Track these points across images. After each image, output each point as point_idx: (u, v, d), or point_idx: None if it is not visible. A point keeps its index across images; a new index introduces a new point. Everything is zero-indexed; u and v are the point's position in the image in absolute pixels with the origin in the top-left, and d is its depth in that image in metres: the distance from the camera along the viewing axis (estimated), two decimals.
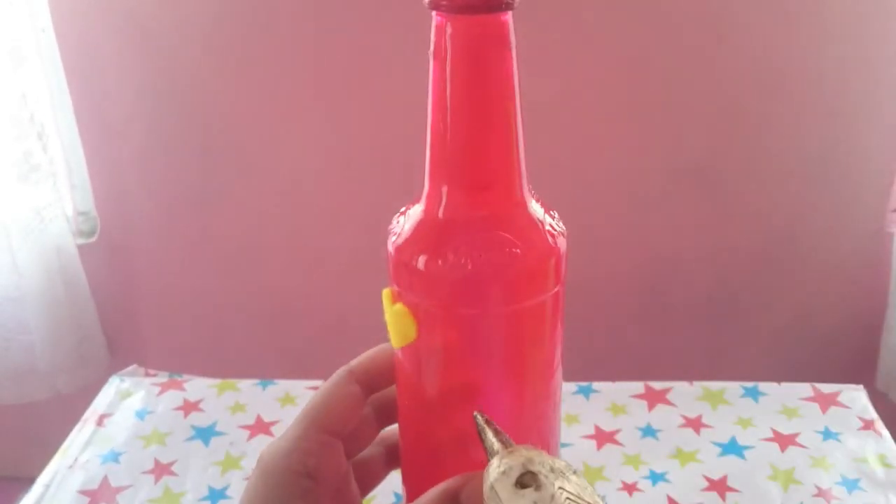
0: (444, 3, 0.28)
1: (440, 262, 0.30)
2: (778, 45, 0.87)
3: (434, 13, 0.29)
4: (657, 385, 0.68)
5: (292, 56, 0.91)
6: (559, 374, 0.34)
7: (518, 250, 0.30)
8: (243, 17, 0.90)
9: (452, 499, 0.28)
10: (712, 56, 0.88)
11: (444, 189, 0.30)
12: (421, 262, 0.30)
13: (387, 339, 0.33)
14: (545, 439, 0.34)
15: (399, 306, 0.31)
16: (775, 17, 0.86)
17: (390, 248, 0.32)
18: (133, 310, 1.09)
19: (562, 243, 0.31)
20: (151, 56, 0.93)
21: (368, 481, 0.37)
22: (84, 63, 0.94)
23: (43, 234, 0.95)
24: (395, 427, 0.37)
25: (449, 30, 0.28)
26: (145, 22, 0.91)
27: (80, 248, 1.02)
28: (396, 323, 0.31)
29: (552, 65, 0.88)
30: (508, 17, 0.29)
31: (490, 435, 0.28)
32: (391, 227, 0.32)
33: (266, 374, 0.73)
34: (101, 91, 0.95)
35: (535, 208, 0.32)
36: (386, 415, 0.36)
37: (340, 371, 0.35)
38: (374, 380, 0.35)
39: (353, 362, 0.35)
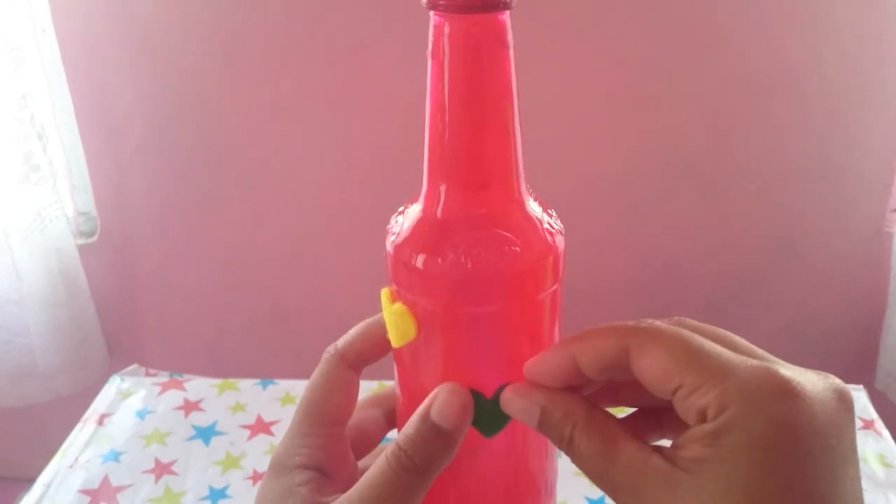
0: (441, 2, 0.28)
1: (440, 260, 0.30)
2: (778, 45, 0.87)
3: (432, 13, 0.29)
4: None
5: (292, 56, 0.91)
6: None
7: (517, 248, 0.30)
8: (243, 18, 0.90)
9: (424, 419, 0.29)
10: (712, 56, 0.88)
11: (443, 188, 0.30)
12: (420, 260, 0.30)
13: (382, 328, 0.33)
14: (543, 439, 0.34)
15: (398, 305, 0.31)
16: (775, 16, 0.86)
17: (389, 247, 0.32)
18: (133, 310, 1.09)
19: (560, 241, 0.32)
20: (152, 56, 0.93)
21: None
22: (84, 63, 0.94)
23: (43, 236, 0.95)
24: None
25: (447, 29, 0.28)
26: (146, 22, 0.91)
27: (80, 248, 1.02)
28: (396, 322, 0.31)
29: (551, 64, 0.88)
30: (506, 16, 0.29)
31: None
32: (389, 226, 0.32)
33: (266, 374, 0.73)
34: (101, 91, 0.95)
35: (533, 206, 0.32)
36: (395, 417, 0.36)
37: (330, 358, 0.34)
38: (366, 359, 0.34)
39: (342, 345, 0.34)
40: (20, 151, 0.91)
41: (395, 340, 0.32)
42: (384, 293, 0.32)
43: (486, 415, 0.31)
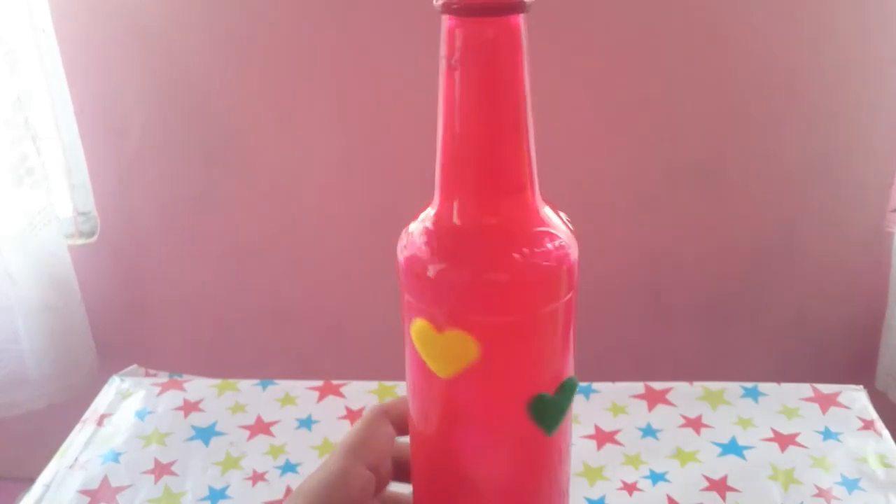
0: (456, 5, 0.27)
1: (463, 270, 0.29)
2: (778, 45, 0.87)
3: (446, 16, 0.28)
4: (657, 385, 0.68)
5: (293, 56, 0.91)
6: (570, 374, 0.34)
7: (542, 255, 0.29)
8: (244, 17, 0.90)
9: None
10: (713, 56, 0.88)
11: (459, 195, 0.30)
12: (438, 271, 0.29)
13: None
14: (559, 445, 0.34)
15: (454, 332, 0.29)
16: (776, 17, 0.86)
17: (400, 257, 0.31)
18: (133, 310, 1.09)
19: (575, 245, 0.31)
20: (152, 56, 0.93)
21: None
22: (84, 63, 0.94)
23: (36, 240, 0.94)
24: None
25: (461, 33, 0.28)
26: (146, 22, 0.91)
27: (79, 249, 1.01)
28: (451, 348, 0.29)
29: (551, 65, 0.88)
30: (520, 19, 0.28)
31: None
32: (404, 237, 0.31)
33: (266, 374, 0.73)
34: (101, 91, 0.95)
35: (549, 213, 0.31)
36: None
37: (375, 410, 0.35)
38: (406, 423, 0.36)
39: (387, 404, 0.36)
40: (14, 155, 0.90)
41: (445, 370, 0.30)
42: (421, 326, 0.30)
43: (550, 411, 0.31)
